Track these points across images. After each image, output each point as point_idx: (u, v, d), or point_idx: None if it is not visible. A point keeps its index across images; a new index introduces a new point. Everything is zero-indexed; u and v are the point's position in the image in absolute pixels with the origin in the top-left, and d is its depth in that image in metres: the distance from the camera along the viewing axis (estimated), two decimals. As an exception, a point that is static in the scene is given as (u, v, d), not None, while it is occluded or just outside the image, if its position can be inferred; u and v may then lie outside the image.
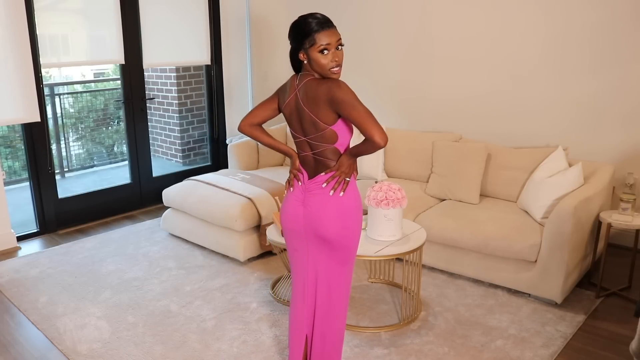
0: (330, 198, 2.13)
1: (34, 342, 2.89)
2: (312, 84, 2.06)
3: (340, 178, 2.12)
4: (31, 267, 3.77)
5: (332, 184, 2.13)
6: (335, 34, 2.03)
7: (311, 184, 2.17)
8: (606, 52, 3.72)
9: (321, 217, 2.15)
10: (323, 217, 2.14)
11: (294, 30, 2.07)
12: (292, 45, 2.09)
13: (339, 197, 2.13)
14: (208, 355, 2.74)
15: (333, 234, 2.16)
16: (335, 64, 2.03)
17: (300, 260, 2.28)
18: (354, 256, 2.29)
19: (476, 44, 4.30)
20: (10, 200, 4.26)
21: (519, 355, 2.70)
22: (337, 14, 5.08)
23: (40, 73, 4.16)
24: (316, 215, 2.15)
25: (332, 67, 2.03)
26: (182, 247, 4.08)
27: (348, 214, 2.17)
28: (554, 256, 3.06)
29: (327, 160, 2.12)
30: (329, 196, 2.13)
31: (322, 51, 2.01)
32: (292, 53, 2.11)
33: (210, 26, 5.26)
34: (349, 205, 2.17)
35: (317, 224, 2.16)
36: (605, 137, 3.82)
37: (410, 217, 3.61)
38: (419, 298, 3.16)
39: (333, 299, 2.29)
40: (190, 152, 6.40)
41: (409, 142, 4.34)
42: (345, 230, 2.17)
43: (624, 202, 3.22)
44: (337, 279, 2.27)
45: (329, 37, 2.01)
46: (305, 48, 2.03)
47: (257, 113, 2.26)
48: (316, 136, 2.08)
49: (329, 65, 2.02)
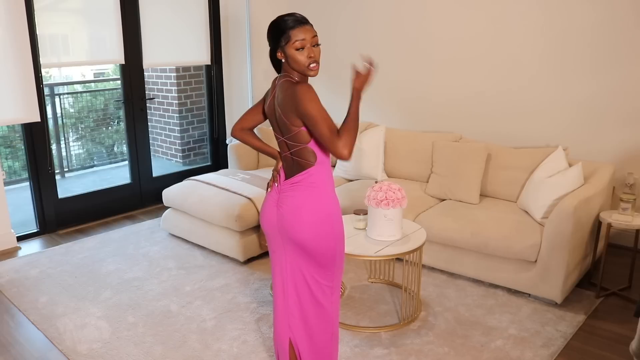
0: (304, 203, 2.10)
1: (34, 342, 2.89)
2: (285, 85, 2.07)
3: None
4: (31, 267, 3.77)
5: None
6: (311, 31, 2.04)
7: (286, 185, 2.15)
8: (606, 52, 3.72)
9: (293, 222, 2.11)
10: (295, 221, 2.10)
11: (271, 29, 2.08)
12: (270, 45, 2.10)
13: (312, 202, 2.10)
14: (208, 355, 2.74)
15: (305, 240, 2.11)
16: (312, 60, 2.03)
17: (278, 262, 2.24)
18: (336, 260, 2.19)
19: (476, 44, 4.30)
20: (10, 200, 4.26)
21: (519, 355, 2.70)
22: (337, 14, 5.09)
23: (40, 73, 4.16)
24: (288, 219, 2.11)
25: (308, 63, 2.03)
26: (182, 247, 4.09)
27: (322, 220, 2.11)
28: (554, 256, 3.06)
29: (303, 160, 2.09)
30: (303, 200, 2.10)
31: (299, 48, 2.01)
32: (270, 53, 2.12)
33: (210, 26, 5.26)
34: (324, 212, 2.12)
35: (289, 228, 2.12)
36: (605, 137, 3.82)
37: (410, 217, 3.61)
38: (419, 298, 3.16)
39: (318, 303, 2.22)
40: (190, 152, 6.40)
41: (409, 142, 4.34)
42: (318, 237, 2.11)
43: (624, 202, 3.22)
44: (318, 282, 2.20)
45: (304, 33, 2.01)
46: (282, 46, 2.03)
47: (246, 117, 2.32)
48: (291, 136, 2.08)
49: (305, 61, 2.02)
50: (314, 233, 2.10)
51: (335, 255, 2.17)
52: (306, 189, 2.10)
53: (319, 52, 2.06)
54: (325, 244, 2.13)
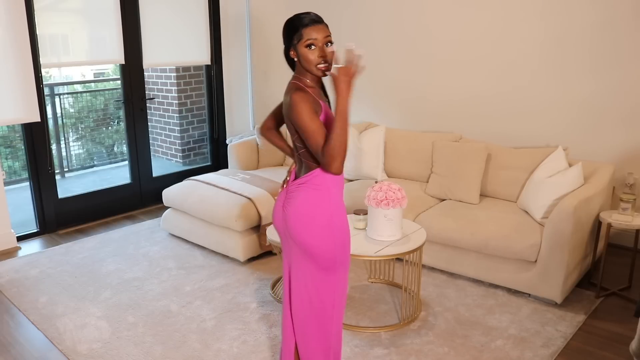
0: (307, 204, 2.09)
1: (34, 342, 2.89)
2: (288, 88, 2.08)
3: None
4: (31, 267, 3.77)
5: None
6: (324, 30, 2.02)
7: (293, 185, 2.14)
8: (606, 52, 3.72)
9: (294, 223, 2.10)
10: (296, 222, 2.10)
11: (286, 27, 2.07)
12: (285, 44, 2.10)
13: (315, 204, 2.09)
14: (208, 355, 2.74)
15: (304, 241, 2.10)
16: (322, 60, 2.01)
17: (287, 262, 2.26)
18: (337, 265, 2.16)
19: (476, 44, 4.29)
20: (10, 200, 4.26)
21: (519, 355, 2.70)
22: (337, 14, 5.09)
23: (40, 73, 4.16)
24: (291, 220, 2.11)
25: (318, 62, 2.01)
26: (182, 247, 4.09)
27: (323, 224, 2.09)
28: (554, 256, 3.06)
29: (308, 161, 2.09)
30: (305, 201, 2.09)
31: (310, 46, 2.00)
32: (285, 52, 2.11)
33: (210, 26, 5.26)
34: (326, 215, 2.10)
35: (291, 228, 2.12)
36: (605, 137, 3.82)
37: (410, 217, 3.61)
38: (419, 298, 3.16)
39: (315, 306, 2.20)
40: (190, 152, 6.40)
41: (409, 142, 4.34)
42: (318, 240, 2.09)
43: (624, 202, 3.22)
44: (317, 285, 2.18)
45: (316, 32, 2.00)
46: (294, 44, 2.03)
47: (271, 116, 2.37)
48: (295, 137, 2.09)
49: (315, 60, 2.00)
50: (313, 235, 2.09)
51: (336, 260, 2.14)
52: (310, 190, 2.08)
53: (331, 53, 2.03)
54: (325, 247, 2.11)
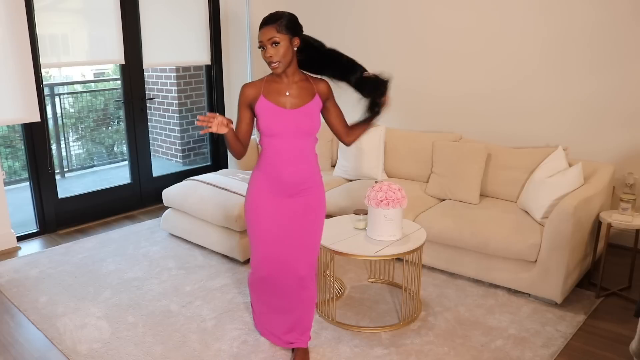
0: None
1: (34, 342, 2.89)
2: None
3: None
4: (31, 267, 3.77)
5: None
6: (269, 32, 2.22)
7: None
8: (607, 52, 3.72)
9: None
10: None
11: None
12: None
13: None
14: (208, 355, 2.74)
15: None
16: (269, 60, 2.25)
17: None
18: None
19: (476, 44, 4.29)
20: (10, 200, 4.26)
21: (519, 355, 2.70)
22: (337, 14, 5.09)
23: (40, 73, 4.16)
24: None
25: (268, 62, 2.26)
26: (182, 247, 4.09)
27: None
28: (554, 256, 3.06)
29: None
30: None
31: (261, 48, 2.26)
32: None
33: (210, 26, 5.26)
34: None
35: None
36: (606, 137, 3.82)
37: (410, 217, 3.61)
38: (419, 298, 3.16)
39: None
40: (190, 152, 6.40)
41: (409, 142, 4.34)
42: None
43: (624, 202, 3.22)
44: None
45: (262, 35, 2.23)
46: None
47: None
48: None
49: (266, 59, 2.26)
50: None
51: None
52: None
53: (275, 52, 2.22)
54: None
